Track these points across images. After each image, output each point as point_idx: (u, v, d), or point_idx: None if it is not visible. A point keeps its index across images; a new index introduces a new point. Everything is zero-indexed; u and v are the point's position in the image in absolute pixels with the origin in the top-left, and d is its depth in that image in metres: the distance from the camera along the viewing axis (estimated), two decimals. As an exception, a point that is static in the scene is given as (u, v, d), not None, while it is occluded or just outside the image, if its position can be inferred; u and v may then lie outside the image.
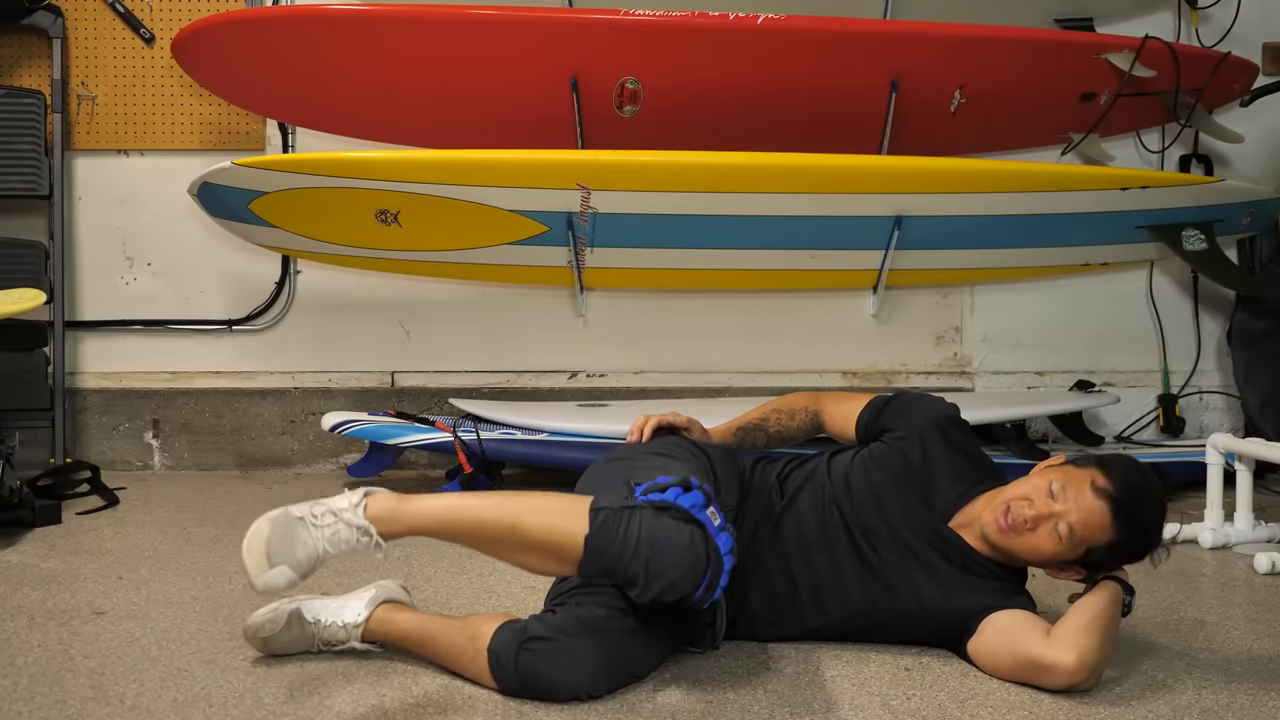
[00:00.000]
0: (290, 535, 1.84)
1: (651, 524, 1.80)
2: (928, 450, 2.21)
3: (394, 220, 3.43)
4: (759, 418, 2.43)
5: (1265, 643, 2.33)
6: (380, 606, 2.09)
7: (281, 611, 2.07)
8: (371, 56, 3.50)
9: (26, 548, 2.94)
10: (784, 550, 2.17)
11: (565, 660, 1.88)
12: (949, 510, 2.18)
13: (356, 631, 2.07)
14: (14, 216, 3.93)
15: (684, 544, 1.79)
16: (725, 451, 2.29)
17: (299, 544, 1.84)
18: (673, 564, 1.79)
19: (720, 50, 3.51)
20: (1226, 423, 4.26)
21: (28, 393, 3.78)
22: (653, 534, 1.79)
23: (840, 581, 2.16)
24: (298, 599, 2.10)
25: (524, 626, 1.92)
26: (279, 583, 1.83)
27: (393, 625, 2.07)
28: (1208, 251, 3.71)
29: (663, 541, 1.79)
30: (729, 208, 3.47)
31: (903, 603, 2.14)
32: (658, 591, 1.80)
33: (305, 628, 2.07)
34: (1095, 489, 2.03)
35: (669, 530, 1.80)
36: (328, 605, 2.09)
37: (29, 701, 1.90)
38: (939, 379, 4.27)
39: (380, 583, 2.17)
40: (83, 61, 3.95)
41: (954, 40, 3.59)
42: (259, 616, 2.08)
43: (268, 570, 1.82)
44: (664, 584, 1.79)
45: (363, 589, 2.14)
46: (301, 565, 1.84)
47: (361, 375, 4.13)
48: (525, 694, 1.89)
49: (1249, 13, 4.08)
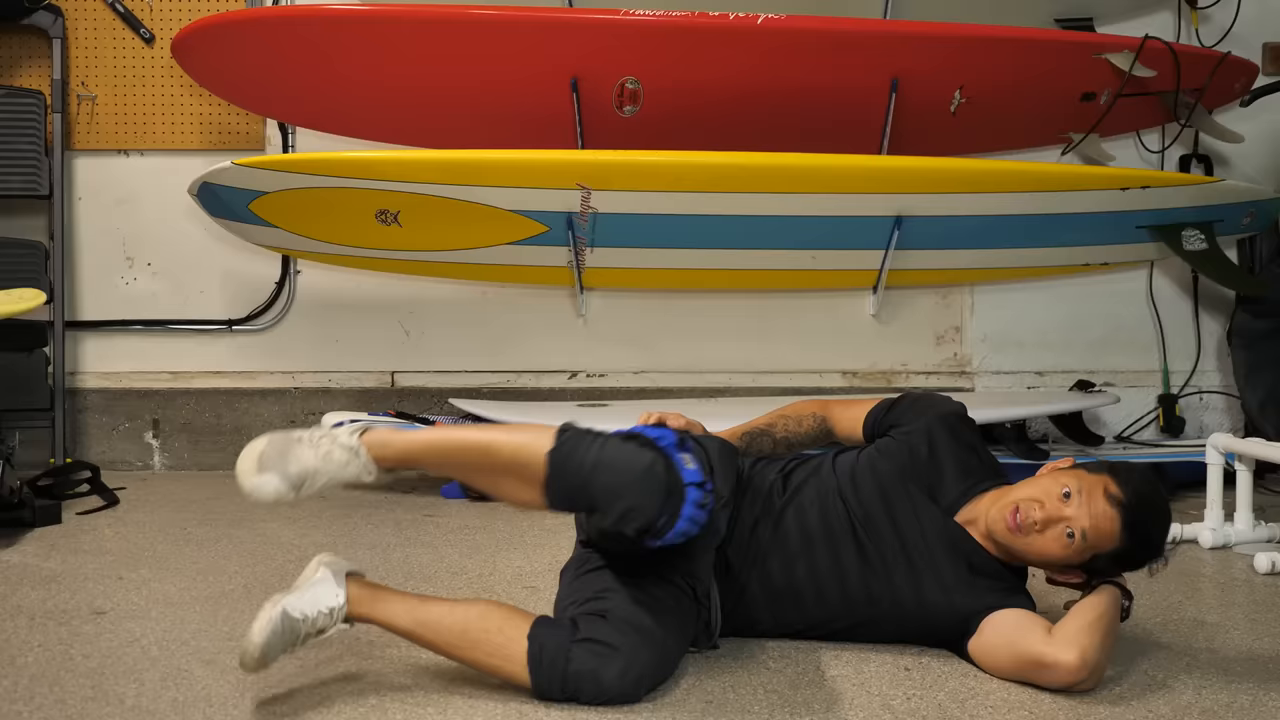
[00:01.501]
0: (285, 450, 1.91)
1: (615, 447, 1.82)
2: (934, 445, 2.22)
3: (394, 220, 3.43)
4: (766, 423, 2.43)
5: (1265, 643, 2.33)
6: (351, 583, 1.95)
7: (265, 627, 1.86)
8: (371, 56, 3.51)
9: (26, 548, 2.94)
10: (786, 543, 2.17)
11: (623, 666, 1.87)
12: (954, 505, 2.18)
13: (341, 613, 1.92)
14: (14, 216, 3.93)
15: (643, 467, 1.79)
16: (722, 445, 2.27)
17: (292, 458, 1.90)
18: (629, 485, 1.79)
19: (720, 50, 3.51)
20: (1226, 423, 4.26)
21: (28, 393, 3.78)
22: (613, 455, 1.80)
23: (842, 577, 2.16)
24: (278, 605, 1.88)
25: (572, 625, 1.91)
26: (266, 489, 1.89)
27: (376, 608, 1.94)
28: (1208, 251, 3.71)
29: (622, 463, 1.80)
30: (729, 208, 3.47)
31: (904, 600, 2.14)
32: (618, 516, 1.79)
33: (292, 626, 1.86)
34: (1108, 496, 2.04)
35: (630, 453, 1.81)
36: (302, 598, 1.90)
37: (29, 701, 1.90)
38: (939, 379, 4.27)
39: (322, 558, 1.99)
40: (83, 61, 3.95)
41: (954, 40, 3.59)
42: (252, 640, 1.83)
43: (256, 475, 1.89)
44: (623, 507, 1.79)
45: (313, 571, 1.97)
46: (291, 477, 1.89)
47: (361, 375, 4.13)
48: (564, 694, 1.86)
49: (1249, 13, 4.08)
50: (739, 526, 2.18)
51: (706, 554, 2.10)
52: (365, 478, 1.93)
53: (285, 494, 1.90)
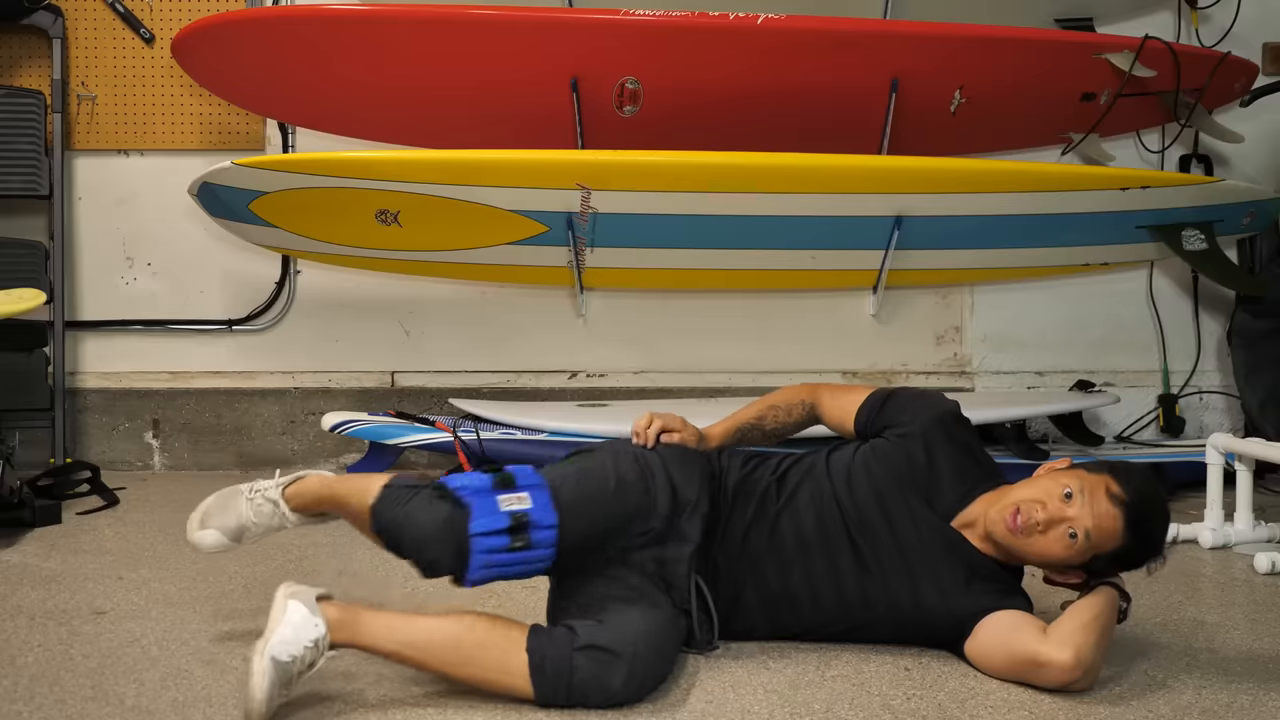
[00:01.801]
0: (227, 505, 2.22)
1: (418, 504, 1.97)
2: (931, 449, 2.20)
3: (394, 220, 3.43)
4: (756, 416, 2.41)
5: (1265, 643, 2.33)
6: (325, 607, 1.92)
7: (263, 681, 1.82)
8: (371, 56, 3.50)
9: (26, 548, 2.94)
10: (781, 549, 2.16)
11: (627, 671, 1.88)
12: (951, 511, 2.18)
13: (325, 642, 1.88)
14: (14, 216, 3.92)
15: (438, 523, 1.93)
16: (682, 454, 2.22)
17: (231, 512, 2.21)
18: (428, 540, 1.94)
19: (720, 50, 3.50)
20: (1226, 423, 4.26)
21: (28, 393, 3.78)
22: (414, 511, 1.96)
23: (838, 582, 2.16)
24: (265, 655, 1.83)
25: (571, 631, 1.91)
26: (206, 541, 2.21)
27: (359, 633, 1.91)
28: (1208, 251, 3.70)
29: (421, 519, 1.95)
30: (729, 208, 3.47)
31: (901, 604, 2.14)
32: (425, 566, 1.96)
33: (284, 669, 1.83)
34: (1110, 496, 2.03)
35: (427, 509, 1.95)
36: (284, 639, 1.85)
37: (29, 701, 1.90)
38: (939, 379, 4.27)
39: (285, 590, 1.95)
40: (83, 61, 3.95)
41: (954, 40, 3.59)
42: (254, 697, 1.80)
43: (198, 530, 2.21)
44: (428, 559, 1.95)
45: (281, 607, 1.90)
46: (230, 530, 2.21)
47: (361, 375, 4.13)
48: (569, 703, 1.87)
49: (1249, 13, 4.08)
50: (730, 529, 2.17)
51: (678, 564, 2.10)
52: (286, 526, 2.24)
53: (227, 545, 2.22)
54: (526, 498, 1.98)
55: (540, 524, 1.96)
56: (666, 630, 2.01)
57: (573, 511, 2.02)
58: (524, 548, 1.95)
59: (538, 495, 1.99)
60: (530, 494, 1.99)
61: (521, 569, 1.99)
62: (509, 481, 2.00)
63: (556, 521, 1.98)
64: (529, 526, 1.96)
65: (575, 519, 2.01)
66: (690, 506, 2.13)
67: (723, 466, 2.26)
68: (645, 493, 2.11)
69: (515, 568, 1.98)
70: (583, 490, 2.06)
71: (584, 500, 2.05)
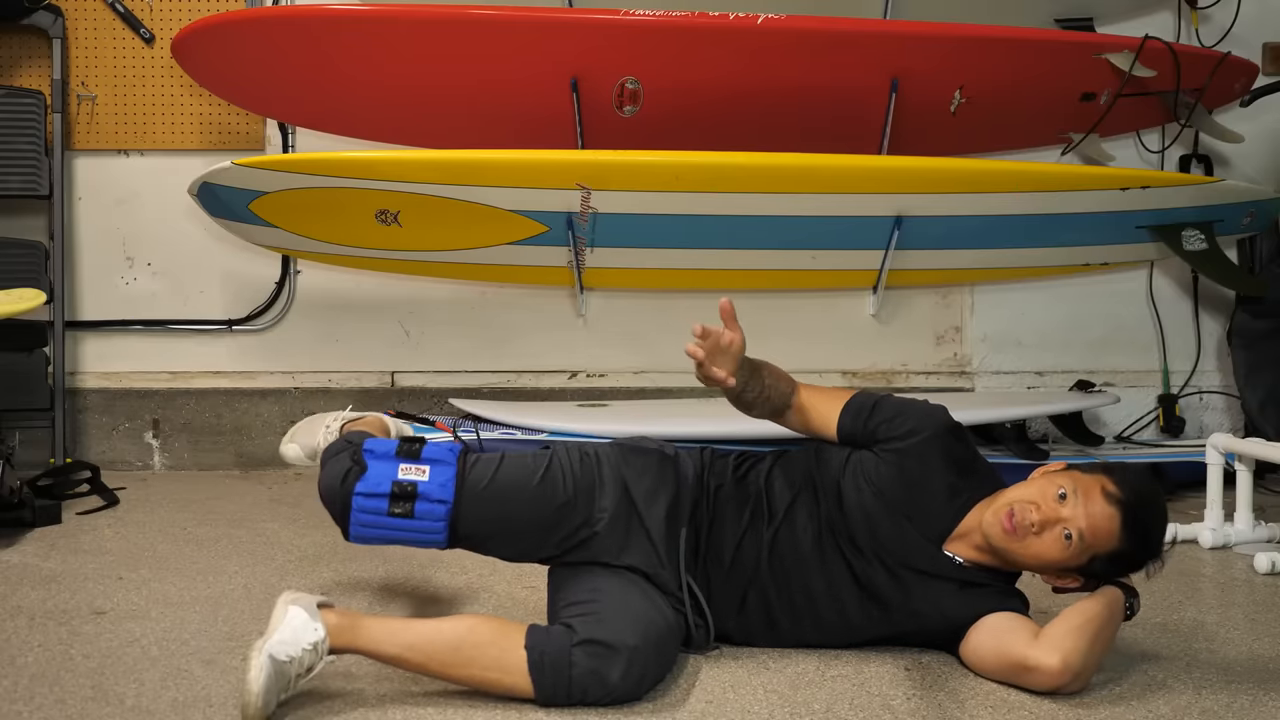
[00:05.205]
0: (312, 428, 2.48)
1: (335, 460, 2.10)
2: (926, 469, 2.14)
3: (394, 220, 3.43)
4: (762, 363, 2.30)
5: (1265, 643, 2.33)
6: (326, 613, 1.93)
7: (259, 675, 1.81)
8: (371, 56, 3.50)
9: (26, 548, 2.94)
10: (781, 571, 2.14)
11: (625, 665, 1.88)
12: (945, 532, 2.14)
13: (325, 647, 1.89)
14: (14, 216, 3.92)
15: (338, 477, 2.05)
16: (635, 447, 2.22)
17: (316, 435, 2.45)
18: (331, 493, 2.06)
19: (720, 50, 3.50)
20: (1226, 423, 4.26)
21: (28, 393, 3.78)
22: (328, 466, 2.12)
23: (839, 603, 2.15)
24: (263, 652, 1.83)
25: (569, 628, 1.91)
26: (289, 453, 2.49)
27: (359, 637, 1.92)
28: (1208, 251, 3.70)
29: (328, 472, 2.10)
30: (729, 207, 3.47)
31: (899, 619, 2.14)
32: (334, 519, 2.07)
33: (282, 669, 1.83)
34: (1106, 495, 2.02)
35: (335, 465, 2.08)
36: (284, 640, 1.86)
37: (29, 701, 1.90)
38: (939, 379, 4.27)
39: (286, 597, 1.96)
40: (83, 61, 3.95)
41: (954, 40, 3.59)
42: (250, 689, 1.80)
43: (286, 444, 2.50)
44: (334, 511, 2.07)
45: (282, 612, 1.92)
46: (309, 448, 2.45)
47: (361, 375, 4.13)
48: (570, 700, 1.87)
49: (1249, 13, 4.08)
50: (718, 533, 2.16)
51: (661, 568, 2.10)
52: None
53: (304, 461, 2.46)
54: (426, 470, 2.04)
55: (429, 498, 2.03)
56: (664, 626, 2.01)
57: (477, 497, 2.06)
58: (403, 515, 2.02)
59: (439, 472, 2.05)
60: (432, 469, 2.05)
61: (406, 536, 2.05)
62: (414, 453, 2.07)
63: (450, 500, 2.03)
64: (414, 497, 2.02)
65: (478, 504, 2.06)
66: (647, 497, 2.13)
67: (705, 463, 2.24)
68: (580, 490, 2.12)
69: (398, 533, 2.05)
70: (499, 480, 2.09)
71: (495, 489, 2.08)
